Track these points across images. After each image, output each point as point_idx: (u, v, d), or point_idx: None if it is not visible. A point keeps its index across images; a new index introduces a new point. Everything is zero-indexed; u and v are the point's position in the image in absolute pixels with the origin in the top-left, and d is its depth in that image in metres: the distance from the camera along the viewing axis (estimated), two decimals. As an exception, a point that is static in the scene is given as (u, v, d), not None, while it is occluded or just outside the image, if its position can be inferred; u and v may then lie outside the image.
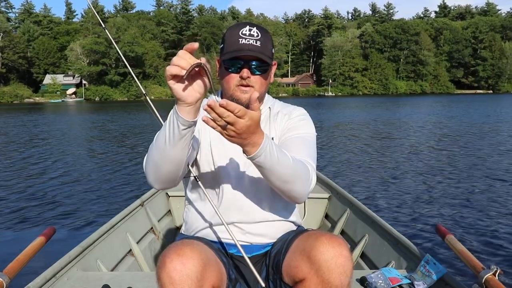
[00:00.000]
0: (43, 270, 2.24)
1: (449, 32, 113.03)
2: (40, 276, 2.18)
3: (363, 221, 3.26)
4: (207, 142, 1.91)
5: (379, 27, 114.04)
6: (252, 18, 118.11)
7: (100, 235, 2.83)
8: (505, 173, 9.09)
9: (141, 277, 2.44)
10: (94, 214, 6.54)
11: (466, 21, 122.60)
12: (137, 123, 25.95)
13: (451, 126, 20.49)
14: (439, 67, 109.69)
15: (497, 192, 7.47)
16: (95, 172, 9.97)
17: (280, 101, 2.09)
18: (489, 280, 1.96)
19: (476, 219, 5.98)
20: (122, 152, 13.39)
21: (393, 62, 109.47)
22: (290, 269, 1.64)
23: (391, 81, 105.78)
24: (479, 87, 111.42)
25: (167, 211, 4.04)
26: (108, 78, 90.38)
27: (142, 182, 8.31)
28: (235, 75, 1.78)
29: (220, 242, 1.89)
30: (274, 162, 1.55)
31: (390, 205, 6.73)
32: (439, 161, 10.83)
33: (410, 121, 24.44)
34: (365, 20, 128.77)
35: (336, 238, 1.57)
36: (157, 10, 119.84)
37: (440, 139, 15.58)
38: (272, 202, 1.90)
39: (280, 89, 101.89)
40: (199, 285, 1.44)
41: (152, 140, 1.61)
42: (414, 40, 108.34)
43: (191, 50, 1.39)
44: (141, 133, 19.62)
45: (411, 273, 2.36)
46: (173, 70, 1.36)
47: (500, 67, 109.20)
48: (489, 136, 16.12)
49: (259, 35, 1.77)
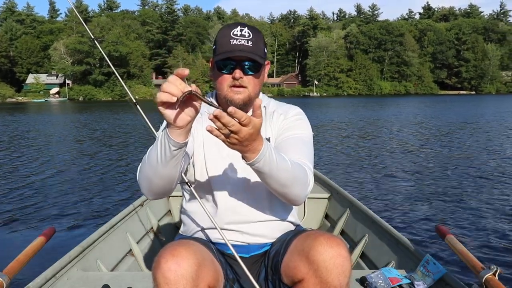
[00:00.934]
0: (43, 270, 2.24)
1: (433, 34, 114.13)
2: (40, 276, 2.18)
3: (363, 221, 3.26)
4: (200, 144, 1.90)
5: (364, 28, 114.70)
6: (238, 18, 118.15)
7: (100, 235, 2.83)
8: (505, 173, 9.12)
9: (141, 277, 2.44)
10: (94, 214, 6.53)
11: (450, 23, 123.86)
12: (127, 122, 25.86)
13: (447, 127, 20.66)
14: (423, 68, 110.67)
15: (497, 192, 7.49)
16: (95, 172, 9.95)
17: (275, 100, 2.08)
18: (489, 280, 1.97)
19: (476, 219, 5.99)
20: (121, 152, 13.31)
21: (378, 63, 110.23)
22: (288, 269, 1.64)
23: (375, 82, 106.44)
24: (462, 88, 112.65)
25: (167, 211, 4.03)
26: (92, 77, 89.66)
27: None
28: (227, 76, 1.78)
29: (218, 242, 1.88)
30: (273, 167, 1.54)
31: (390, 205, 6.73)
32: (439, 161, 10.86)
33: (403, 121, 24.68)
34: (350, 21, 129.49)
35: (335, 238, 1.57)
36: (142, 9, 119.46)
37: (439, 139, 15.66)
38: (270, 202, 1.89)
39: (265, 89, 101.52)
40: (194, 284, 1.45)
41: (144, 141, 1.63)
42: (398, 41, 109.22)
43: (182, 76, 1.35)
44: (130, 132, 19.57)
45: (411, 273, 2.36)
46: (164, 97, 1.33)
47: (482, 68, 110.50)
48: (486, 136, 16.23)
49: (251, 35, 1.77)
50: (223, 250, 1.89)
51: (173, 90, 1.33)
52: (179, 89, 1.33)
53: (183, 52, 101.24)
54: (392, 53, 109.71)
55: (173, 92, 1.33)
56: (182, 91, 1.34)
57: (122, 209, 3.38)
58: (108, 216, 5.43)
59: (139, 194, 3.94)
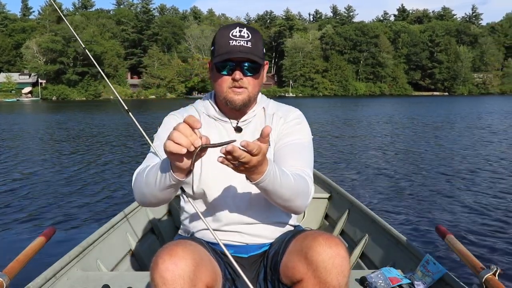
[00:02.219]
0: (43, 270, 2.23)
1: (407, 35, 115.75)
2: (40, 276, 2.17)
3: (363, 221, 3.25)
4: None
5: (340, 29, 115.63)
6: (214, 18, 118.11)
7: (100, 235, 2.82)
8: (505, 173, 9.16)
9: (141, 277, 2.41)
10: (94, 214, 6.50)
11: (424, 25, 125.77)
12: (113, 122, 25.67)
13: (438, 126, 20.83)
14: (397, 69, 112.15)
15: (497, 192, 7.51)
16: (95, 172, 9.88)
17: (274, 101, 2.06)
18: (489, 280, 1.96)
19: (476, 219, 6.00)
20: (120, 152, 13.20)
21: (353, 64, 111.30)
22: (287, 269, 1.64)
23: (350, 83, 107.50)
24: (435, 89, 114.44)
25: (167, 211, 4.02)
26: (65, 77, 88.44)
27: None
28: (227, 77, 1.78)
29: (217, 242, 1.84)
30: (277, 185, 1.56)
31: (390, 205, 6.73)
32: (439, 161, 10.87)
33: (392, 121, 24.94)
34: (326, 22, 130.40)
35: (333, 238, 1.56)
36: (117, 8, 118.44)
37: (438, 139, 15.71)
38: (269, 203, 1.86)
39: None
40: (192, 284, 1.44)
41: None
42: (373, 43, 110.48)
43: (194, 127, 1.32)
44: (119, 130, 19.45)
45: (411, 273, 2.36)
46: (174, 148, 1.31)
47: (455, 70, 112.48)
48: (488, 137, 16.33)
49: (250, 35, 1.76)
50: (222, 250, 1.84)
51: (183, 142, 1.30)
52: (189, 141, 1.31)
53: (158, 52, 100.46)
54: (367, 54, 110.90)
55: (183, 143, 1.30)
56: (193, 144, 1.31)
57: (122, 209, 3.37)
58: (108, 216, 5.40)
59: None
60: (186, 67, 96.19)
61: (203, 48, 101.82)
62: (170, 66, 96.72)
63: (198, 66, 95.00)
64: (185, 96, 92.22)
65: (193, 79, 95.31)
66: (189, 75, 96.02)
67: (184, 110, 2.02)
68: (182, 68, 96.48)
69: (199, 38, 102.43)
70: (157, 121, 14.72)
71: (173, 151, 1.31)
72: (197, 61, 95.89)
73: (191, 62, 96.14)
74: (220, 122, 1.92)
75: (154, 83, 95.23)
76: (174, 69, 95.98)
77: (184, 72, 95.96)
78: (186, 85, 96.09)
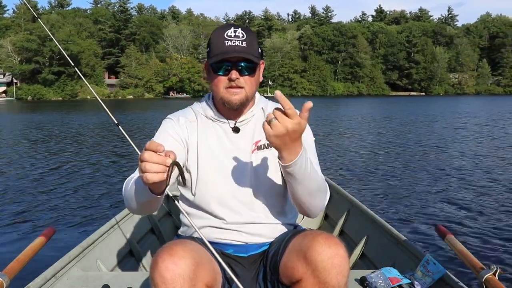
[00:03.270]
0: (43, 270, 2.25)
1: (385, 36, 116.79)
2: (40, 276, 2.18)
3: (363, 221, 3.25)
4: (194, 148, 1.89)
5: (318, 30, 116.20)
6: (192, 18, 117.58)
7: (100, 235, 2.84)
8: (505, 173, 9.18)
9: (141, 277, 2.43)
10: (94, 214, 6.49)
11: (401, 26, 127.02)
12: (100, 120, 25.74)
13: (430, 126, 21.03)
14: (375, 70, 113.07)
15: (497, 192, 7.51)
16: (95, 172, 9.86)
17: (273, 102, 2.07)
18: (489, 280, 1.97)
19: (476, 219, 6.00)
20: (120, 152, 13.15)
21: (331, 64, 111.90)
22: (287, 269, 1.64)
23: (329, 83, 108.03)
24: (412, 89, 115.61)
25: (167, 211, 4.03)
26: (41, 76, 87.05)
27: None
28: (223, 77, 1.78)
29: (216, 242, 1.87)
30: (306, 174, 1.59)
31: (390, 205, 6.73)
32: (439, 161, 10.88)
33: (375, 120, 25.31)
34: (304, 22, 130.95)
35: (333, 238, 1.57)
36: (95, 8, 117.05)
37: (437, 139, 15.75)
38: (269, 202, 1.89)
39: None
40: (192, 284, 1.45)
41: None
42: (351, 43, 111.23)
43: (158, 151, 1.32)
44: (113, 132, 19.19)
45: (411, 273, 2.36)
46: (156, 178, 1.31)
47: (432, 70, 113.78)
48: (481, 136, 16.45)
49: (245, 35, 1.77)
50: (222, 249, 1.87)
51: (158, 168, 1.31)
52: (162, 166, 1.31)
53: (136, 51, 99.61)
54: (345, 54, 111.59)
55: (160, 170, 1.31)
56: (164, 164, 1.31)
57: (122, 209, 3.36)
58: (108, 216, 5.43)
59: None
60: (164, 67, 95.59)
61: (181, 48, 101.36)
62: (148, 66, 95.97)
63: (176, 66, 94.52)
64: (163, 96, 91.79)
65: (171, 79, 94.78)
66: (167, 75, 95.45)
67: (181, 112, 2.01)
68: (160, 68, 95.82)
69: (177, 38, 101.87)
70: (136, 121, 14.60)
71: (157, 180, 1.31)
72: (175, 61, 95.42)
73: (169, 62, 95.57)
74: (218, 123, 1.92)
75: (132, 83, 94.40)
76: (152, 69, 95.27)
77: (162, 72, 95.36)
78: (164, 85, 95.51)
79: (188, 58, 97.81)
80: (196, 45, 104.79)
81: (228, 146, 1.87)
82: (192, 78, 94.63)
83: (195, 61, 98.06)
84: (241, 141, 1.89)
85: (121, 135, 1.63)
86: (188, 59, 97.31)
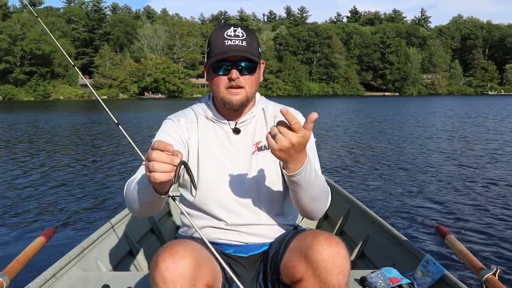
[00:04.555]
0: (43, 270, 2.24)
1: (359, 37, 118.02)
2: (40, 276, 2.18)
3: (363, 221, 3.25)
4: (194, 149, 1.89)
5: (293, 30, 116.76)
6: (167, 18, 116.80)
7: (100, 235, 2.84)
8: (505, 173, 9.21)
9: (141, 277, 2.41)
10: (94, 214, 6.48)
11: (375, 27, 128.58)
12: (91, 119, 25.69)
13: (425, 126, 21.17)
14: (349, 70, 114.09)
15: (497, 192, 7.51)
16: (95, 173, 9.79)
17: (274, 101, 2.06)
18: (489, 280, 1.98)
19: (476, 219, 6.00)
20: (119, 152, 13.00)
21: (306, 65, 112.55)
22: (287, 269, 1.64)
23: (304, 83, 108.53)
24: (387, 89, 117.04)
25: (167, 211, 4.03)
26: (12, 76, 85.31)
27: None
28: (223, 77, 1.78)
29: (217, 242, 1.88)
30: (310, 182, 1.62)
31: (390, 205, 6.71)
32: (439, 161, 10.89)
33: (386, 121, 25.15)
34: (279, 22, 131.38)
35: (333, 237, 1.57)
36: (68, 7, 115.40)
37: (437, 140, 15.78)
38: (269, 203, 1.89)
39: (194, 89, 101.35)
40: (192, 283, 1.45)
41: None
42: (326, 44, 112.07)
43: (167, 151, 1.32)
44: (111, 132, 18.98)
45: (411, 273, 2.36)
46: (164, 177, 1.31)
47: (405, 71, 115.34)
48: (484, 136, 16.48)
49: (244, 35, 1.77)
50: (222, 249, 1.87)
51: (167, 168, 1.31)
52: (170, 165, 1.31)
53: (110, 51, 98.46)
54: (320, 55, 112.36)
55: (168, 170, 1.31)
56: (173, 164, 1.32)
57: (122, 209, 3.34)
58: (108, 216, 5.42)
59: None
60: (138, 67, 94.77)
61: (156, 48, 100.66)
62: (122, 66, 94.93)
63: (151, 67, 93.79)
64: (138, 96, 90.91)
65: (146, 79, 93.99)
66: (141, 75, 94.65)
67: (182, 113, 1.99)
68: (134, 68, 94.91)
69: (152, 38, 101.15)
70: (107, 121, 14.09)
71: (164, 180, 1.32)
72: (150, 61, 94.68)
73: (143, 62, 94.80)
74: (218, 124, 1.91)
75: (106, 83, 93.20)
76: (126, 69, 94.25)
77: (136, 72, 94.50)
78: (139, 86, 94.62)
79: (163, 59, 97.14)
80: (171, 45, 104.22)
81: (229, 147, 1.87)
82: (167, 78, 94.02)
83: (170, 62, 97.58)
84: (242, 142, 1.88)
85: (121, 134, 1.65)
86: (163, 59, 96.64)
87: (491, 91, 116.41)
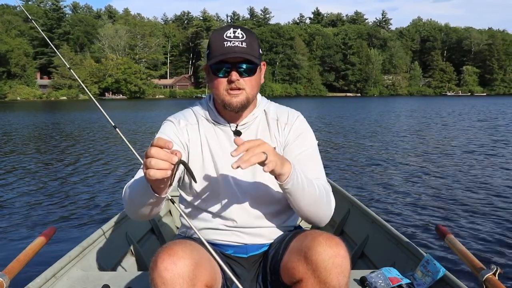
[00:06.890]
0: (43, 270, 2.24)
1: (321, 38, 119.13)
2: (40, 276, 2.18)
3: (363, 221, 3.25)
4: (197, 150, 1.89)
5: (256, 31, 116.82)
6: (129, 18, 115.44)
7: (100, 235, 2.84)
8: (505, 173, 9.24)
9: (141, 277, 2.41)
10: (94, 214, 6.45)
11: (337, 28, 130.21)
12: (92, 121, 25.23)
13: (421, 126, 21.33)
14: (312, 71, 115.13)
15: (497, 193, 7.51)
16: (95, 173, 9.78)
17: (275, 103, 2.05)
18: (489, 280, 1.98)
19: (476, 219, 5.98)
20: (119, 152, 12.90)
21: (269, 65, 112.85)
22: (287, 269, 1.64)
23: (267, 84, 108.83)
24: (349, 90, 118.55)
25: (167, 211, 4.02)
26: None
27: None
28: (223, 79, 1.75)
29: (216, 243, 1.88)
30: (300, 191, 1.64)
31: (390, 205, 6.69)
32: (439, 161, 10.88)
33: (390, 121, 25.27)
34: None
35: (334, 237, 1.56)
36: (25, 5, 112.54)
37: (437, 139, 15.75)
38: (269, 203, 1.89)
39: (157, 90, 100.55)
40: (191, 284, 1.44)
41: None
42: (289, 45, 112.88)
43: (167, 148, 1.31)
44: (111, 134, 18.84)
45: (411, 273, 2.36)
46: (159, 175, 1.29)
47: (367, 72, 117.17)
48: (491, 137, 16.46)
49: (244, 36, 1.74)
50: (222, 250, 1.87)
51: (163, 165, 1.29)
52: (168, 163, 1.30)
53: (70, 51, 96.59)
54: (283, 56, 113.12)
55: (164, 167, 1.29)
56: (170, 162, 1.30)
57: (122, 209, 3.27)
58: (109, 216, 5.42)
59: None
60: (99, 68, 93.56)
61: (117, 48, 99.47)
62: (82, 67, 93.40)
63: (112, 67, 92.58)
64: (99, 97, 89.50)
65: (107, 80, 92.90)
66: (102, 76, 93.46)
67: (182, 114, 1.96)
68: (95, 68, 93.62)
69: (113, 38, 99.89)
70: (68, 121, 13.99)
71: (159, 178, 1.31)
72: (111, 62, 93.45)
73: (104, 63, 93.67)
74: (219, 126, 1.89)
75: (66, 84, 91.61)
76: (86, 70, 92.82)
77: (97, 72, 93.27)
78: (100, 86, 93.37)
79: (125, 59, 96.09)
80: (132, 46, 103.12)
81: (229, 149, 1.82)
82: (128, 79, 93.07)
83: (132, 62, 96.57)
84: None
85: (118, 135, 1.64)
86: (124, 59, 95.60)
87: (449, 92, 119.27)
